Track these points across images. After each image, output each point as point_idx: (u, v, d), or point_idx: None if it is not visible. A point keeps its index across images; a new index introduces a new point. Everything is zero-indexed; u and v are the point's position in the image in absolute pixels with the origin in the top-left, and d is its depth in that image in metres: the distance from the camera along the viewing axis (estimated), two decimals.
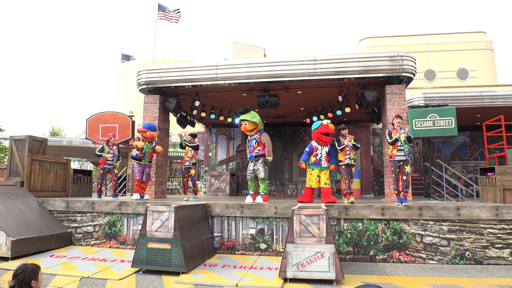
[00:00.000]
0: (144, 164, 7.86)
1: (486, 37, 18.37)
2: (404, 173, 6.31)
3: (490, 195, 7.08)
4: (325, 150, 6.95)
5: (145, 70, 8.85)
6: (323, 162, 6.89)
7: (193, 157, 8.83)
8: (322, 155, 6.92)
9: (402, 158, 6.32)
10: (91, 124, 10.10)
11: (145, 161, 7.85)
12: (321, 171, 6.94)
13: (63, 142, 15.99)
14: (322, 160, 6.90)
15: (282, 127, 13.56)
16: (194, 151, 8.86)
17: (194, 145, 8.85)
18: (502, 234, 5.59)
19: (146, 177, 7.95)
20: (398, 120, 6.42)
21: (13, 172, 7.80)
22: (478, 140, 12.46)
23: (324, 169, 6.92)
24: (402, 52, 7.75)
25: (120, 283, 4.48)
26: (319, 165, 6.91)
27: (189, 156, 8.80)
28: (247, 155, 7.13)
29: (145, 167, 7.92)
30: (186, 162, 8.84)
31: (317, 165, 6.94)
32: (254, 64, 8.24)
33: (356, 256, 5.84)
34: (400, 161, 6.34)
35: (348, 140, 6.92)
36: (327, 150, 6.97)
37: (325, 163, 6.91)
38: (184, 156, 8.88)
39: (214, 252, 6.20)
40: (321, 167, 6.91)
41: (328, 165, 6.93)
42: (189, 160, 8.79)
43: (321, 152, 6.93)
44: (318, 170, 6.95)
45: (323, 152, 6.94)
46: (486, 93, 9.88)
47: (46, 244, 6.27)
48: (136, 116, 20.43)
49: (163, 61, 28.62)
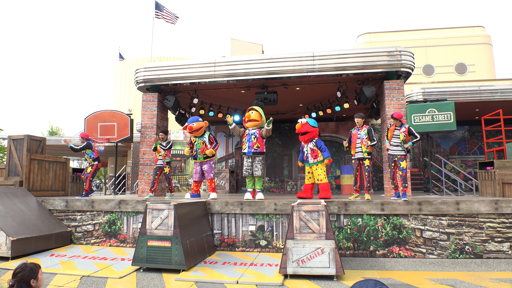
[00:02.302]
0: (199, 162, 7.45)
1: (484, 32, 18.35)
2: (400, 168, 6.39)
3: (489, 189, 7.09)
4: (309, 146, 6.94)
5: (143, 68, 8.81)
6: (310, 158, 6.90)
7: (167, 156, 8.18)
8: (307, 151, 6.94)
9: (397, 153, 6.40)
10: (90, 123, 10.07)
11: (199, 159, 7.40)
12: (311, 167, 6.96)
13: (61, 141, 15.97)
14: (308, 156, 6.91)
15: (281, 123, 13.55)
16: (168, 150, 8.20)
17: (168, 146, 8.15)
18: (502, 228, 5.61)
19: (206, 174, 7.45)
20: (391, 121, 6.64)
21: (12, 172, 7.78)
22: (477, 135, 12.47)
23: (312, 165, 6.91)
24: (401, 47, 7.74)
25: (121, 281, 4.48)
26: (307, 161, 6.97)
27: (162, 155, 8.17)
28: (245, 149, 7.04)
29: (202, 165, 7.47)
30: (158, 161, 8.16)
31: (306, 162, 7.03)
32: (252, 61, 8.21)
33: (356, 251, 5.85)
34: (395, 156, 6.44)
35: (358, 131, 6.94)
36: (311, 146, 6.95)
37: (312, 159, 6.89)
38: (156, 154, 8.20)
39: (215, 250, 6.21)
40: (309, 163, 6.95)
41: (315, 161, 6.88)
42: (162, 159, 8.15)
43: (306, 149, 6.96)
44: (308, 166, 7.02)
45: (308, 149, 6.95)
46: (485, 88, 9.87)
47: (46, 243, 6.26)
48: (135, 115, 20.43)
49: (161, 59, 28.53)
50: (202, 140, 7.38)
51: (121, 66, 29.50)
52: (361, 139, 6.82)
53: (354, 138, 7.04)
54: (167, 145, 8.14)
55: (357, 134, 6.97)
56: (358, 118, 7.03)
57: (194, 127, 7.23)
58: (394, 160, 6.58)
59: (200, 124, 7.34)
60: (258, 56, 8.31)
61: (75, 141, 16.14)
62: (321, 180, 6.78)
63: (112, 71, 30.62)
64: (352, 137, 7.09)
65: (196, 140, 7.43)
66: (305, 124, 6.93)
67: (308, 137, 6.91)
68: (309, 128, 6.91)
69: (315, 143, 6.91)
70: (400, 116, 6.46)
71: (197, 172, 7.51)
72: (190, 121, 7.34)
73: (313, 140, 6.94)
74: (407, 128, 6.42)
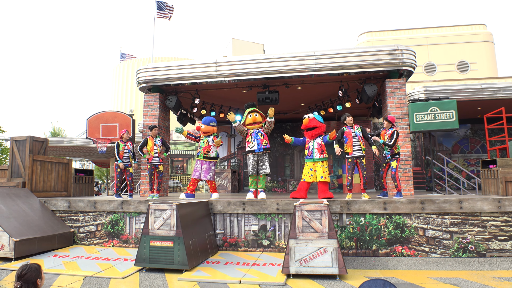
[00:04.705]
0: (200, 160, 7.46)
1: (486, 29, 18.28)
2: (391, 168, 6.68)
3: (492, 188, 7.07)
4: (317, 141, 6.85)
5: (144, 68, 8.82)
6: (315, 154, 6.78)
7: (162, 153, 7.92)
8: (314, 146, 6.83)
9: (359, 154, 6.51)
10: (92, 124, 10.09)
11: (200, 157, 7.45)
12: (315, 164, 6.85)
13: (64, 142, 16.02)
14: (314, 152, 6.80)
15: (282, 123, 13.53)
16: (163, 146, 7.96)
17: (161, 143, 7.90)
18: (505, 227, 5.59)
19: (204, 174, 7.41)
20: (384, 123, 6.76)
21: (15, 173, 7.81)
22: (479, 133, 12.43)
23: (318, 161, 6.81)
24: (402, 46, 7.71)
25: (124, 281, 4.49)
26: (312, 157, 6.83)
27: (158, 152, 7.86)
28: (253, 147, 6.99)
29: (202, 164, 7.47)
30: (154, 158, 7.81)
31: (309, 158, 6.88)
32: (254, 61, 8.21)
33: (358, 250, 5.85)
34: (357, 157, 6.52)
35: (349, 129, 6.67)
36: (319, 141, 6.86)
37: (318, 154, 6.78)
38: (151, 151, 7.81)
39: (217, 249, 6.21)
40: (313, 159, 6.82)
41: (321, 157, 6.77)
42: (157, 156, 7.84)
43: (312, 144, 6.85)
44: (311, 163, 6.89)
45: (315, 144, 6.84)
46: (487, 86, 9.83)
47: (49, 244, 6.28)
48: (137, 115, 20.44)
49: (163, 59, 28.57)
50: (206, 139, 7.55)
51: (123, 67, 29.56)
52: (358, 136, 6.64)
53: (349, 137, 6.58)
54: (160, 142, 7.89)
55: (351, 133, 6.57)
56: (349, 117, 6.68)
57: (202, 129, 7.57)
58: (386, 161, 6.80)
59: (208, 129, 7.64)
60: (260, 55, 8.30)
61: (77, 141, 16.17)
62: (325, 178, 6.75)
63: (114, 72, 30.68)
64: (346, 136, 6.63)
65: (203, 137, 7.63)
66: (312, 119, 6.91)
67: (316, 132, 6.88)
68: (317, 123, 6.89)
69: (322, 138, 6.90)
70: (393, 120, 6.68)
71: (197, 170, 7.54)
72: (203, 121, 7.66)
73: (320, 135, 6.93)
74: (392, 131, 6.60)
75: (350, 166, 6.59)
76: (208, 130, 7.59)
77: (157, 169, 7.81)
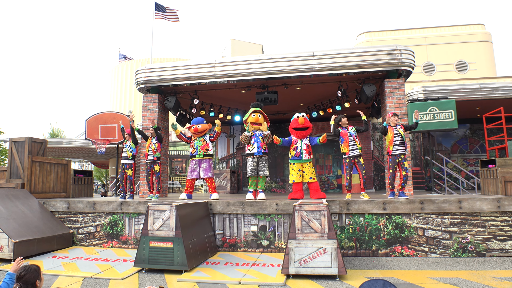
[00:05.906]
0: (198, 159, 7.44)
1: (484, 29, 18.32)
2: (403, 168, 6.35)
3: (491, 188, 7.07)
4: (305, 142, 6.82)
5: (143, 69, 8.81)
6: (304, 154, 6.76)
7: (157, 151, 7.69)
8: (302, 147, 6.79)
9: (401, 152, 6.35)
10: (91, 125, 10.08)
11: (199, 156, 7.42)
12: (303, 164, 6.84)
13: (63, 143, 15.98)
14: (302, 152, 6.77)
15: (281, 123, 13.53)
16: (159, 143, 7.73)
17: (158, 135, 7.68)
18: (504, 226, 5.59)
19: (204, 173, 7.39)
20: (395, 118, 6.50)
21: (14, 174, 7.79)
22: (479, 133, 12.44)
23: (307, 162, 6.81)
24: (401, 46, 7.72)
25: (123, 282, 4.48)
26: (300, 158, 6.80)
27: (153, 150, 7.66)
28: (253, 150, 7.01)
29: (201, 163, 7.44)
30: (149, 156, 7.65)
31: (298, 159, 6.84)
32: (252, 61, 8.21)
33: (358, 251, 5.84)
34: (399, 156, 6.37)
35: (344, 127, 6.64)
36: (307, 142, 6.85)
37: (306, 155, 6.77)
38: (146, 149, 7.68)
39: (217, 250, 6.20)
40: (302, 160, 6.81)
41: (309, 158, 6.78)
42: (153, 154, 7.64)
43: (300, 145, 6.81)
44: (299, 163, 6.86)
45: (303, 144, 6.81)
46: (486, 85, 9.84)
47: (48, 245, 6.27)
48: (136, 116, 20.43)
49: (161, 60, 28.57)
50: (203, 138, 7.56)
51: (122, 68, 29.54)
52: (353, 136, 6.62)
53: (345, 137, 6.54)
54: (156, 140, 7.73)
55: (347, 133, 6.55)
56: (344, 118, 6.68)
57: (199, 129, 7.50)
58: (397, 161, 6.42)
59: (205, 127, 7.63)
60: (258, 56, 8.30)
61: (76, 142, 16.13)
62: (313, 179, 6.77)
63: (113, 73, 30.67)
64: (343, 136, 6.57)
65: (197, 138, 7.59)
66: (307, 120, 6.93)
67: (307, 132, 6.89)
68: (309, 124, 6.93)
69: (309, 139, 6.90)
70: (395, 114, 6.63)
71: (195, 170, 7.50)
72: (195, 122, 7.58)
73: (308, 136, 6.93)
74: (402, 125, 6.56)
75: (348, 166, 6.58)
76: (204, 128, 7.63)
77: (153, 169, 7.74)
